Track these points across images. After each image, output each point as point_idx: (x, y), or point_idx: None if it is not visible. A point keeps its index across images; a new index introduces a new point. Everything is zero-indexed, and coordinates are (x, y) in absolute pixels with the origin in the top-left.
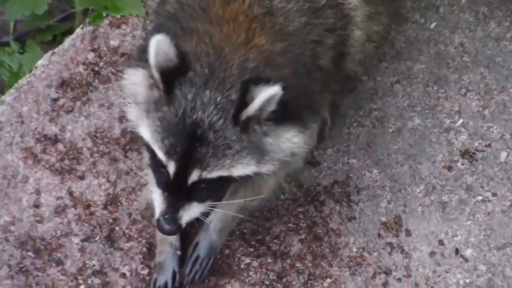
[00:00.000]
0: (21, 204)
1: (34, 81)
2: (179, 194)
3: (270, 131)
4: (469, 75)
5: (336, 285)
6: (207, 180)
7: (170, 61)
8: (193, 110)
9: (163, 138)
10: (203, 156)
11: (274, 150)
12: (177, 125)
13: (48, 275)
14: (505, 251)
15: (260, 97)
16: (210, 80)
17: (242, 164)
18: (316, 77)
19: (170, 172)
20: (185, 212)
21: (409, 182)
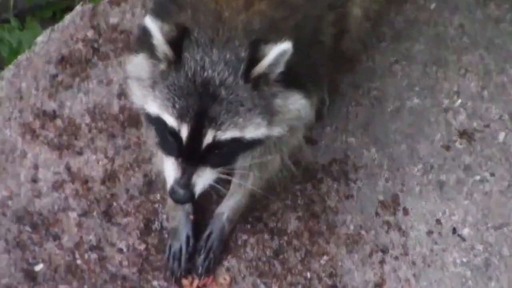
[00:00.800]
0: (19, 179)
1: (34, 57)
2: (192, 159)
3: (279, 92)
4: (468, 56)
5: (332, 262)
6: (221, 142)
7: (170, 31)
8: (203, 69)
9: (174, 103)
10: (216, 114)
11: (283, 112)
12: (188, 87)
13: (45, 250)
14: (502, 230)
15: (272, 53)
16: (215, 39)
17: (254, 124)
18: (316, 50)
19: (183, 136)
20: (199, 178)
21: (407, 161)
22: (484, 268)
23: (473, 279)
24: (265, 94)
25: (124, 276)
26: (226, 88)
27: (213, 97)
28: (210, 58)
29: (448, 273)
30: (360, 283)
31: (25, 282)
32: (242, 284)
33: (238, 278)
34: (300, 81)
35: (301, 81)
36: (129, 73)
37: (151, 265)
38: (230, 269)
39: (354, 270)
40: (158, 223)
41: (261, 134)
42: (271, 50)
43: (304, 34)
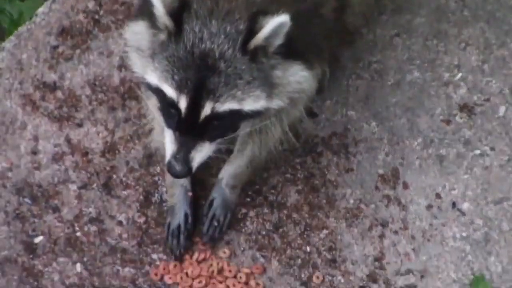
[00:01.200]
0: (19, 150)
1: (34, 28)
2: (191, 132)
3: (278, 64)
4: (469, 29)
5: (332, 236)
6: (219, 114)
7: (173, 3)
8: (201, 41)
9: (173, 74)
10: (215, 86)
11: (283, 84)
12: (187, 58)
13: (45, 222)
14: (502, 205)
15: (269, 26)
16: (215, 10)
17: (253, 97)
18: (317, 24)
19: (182, 107)
20: (197, 153)
21: (407, 135)
22: (484, 243)
23: (473, 253)
24: (263, 66)
25: (124, 249)
26: (225, 60)
27: (212, 69)
28: (209, 30)
29: (448, 247)
30: (360, 257)
31: (25, 254)
32: (242, 257)
33: (238, 251)
34: (301, 53)
35: (302, 53)
36: (129, 41)
37: (151, 238)
38: (229, 242)
39: (354, 244)
40: (158, 195)
41: (260, 106)
42: (269, 21)
43: (305, 7)
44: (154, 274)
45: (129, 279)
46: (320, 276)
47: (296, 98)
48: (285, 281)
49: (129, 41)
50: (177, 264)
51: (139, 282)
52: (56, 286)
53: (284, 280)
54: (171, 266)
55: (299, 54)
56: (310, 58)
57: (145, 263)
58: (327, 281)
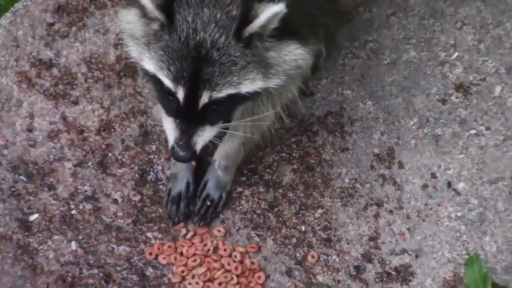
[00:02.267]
0: (15, 128)
1: (30, 5)
2: (191, 119)
3: (272, 46)
4: (465, 8)
5: (327, 215)
6: (218, 100)
7: None
8: (195, 31)
9: (169, 65)
10: (210, 76)
11: (278, 63)
12: (181, 50)
13: (40, 200)
14: (497, 185)
15: (266, 14)
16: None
17: (249, 79)
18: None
19: (180, 97)
20: (199, 137)
21: (402, 115)
22: (479, 223)
23: (468, 233)
24: (258, 50)
25: (119, 227)
26: (218, 49)
27: (206, 60)
28: (202, 19)
29: (443, 227)
30: (355, 236)
31: (20, 232)
32: (237, 236)
33: (233, 230)
34: (295, 30)
35: (296, 30)
36: (123, 29)
37: (146, 216)
38: (224, 221)
39: (349, 224)
40: (153, 174)
41: (257, 87)
42: (264, 10)
43: None
44: (149, 254)
45: (124, 257)
46: (315, 255)
47: (293, 74)
48: (280, 260)
49: (123, 29)
50: (171, 244)
51: (134, 261)
52: (51, 263)
53: (279, 259)
54: (166, 246)
55: (293, 32)
56: (304, 35)
57: (140, 241)
58: (322, 260)
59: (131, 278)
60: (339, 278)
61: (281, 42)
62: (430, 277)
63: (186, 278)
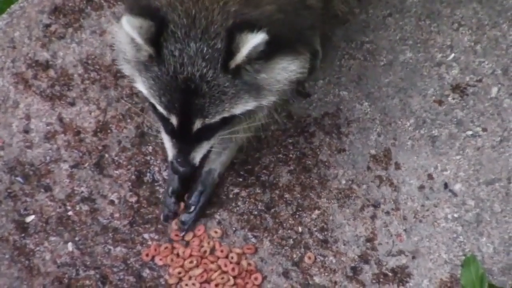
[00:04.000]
0: (11, 129)
1: (27, 6)
2: (187, 139)
3: (263, 67)
4: (461, 9)
5: (324, 216)
6: (211, 124)
7: (149, 28)
8: (183, 66)
9: (160, 95)
10: (201, 106)
11: (270, 83)
12: (171, 83)
13: (37, 201)
14: (494, 186)
15: (246, 47)
16: (192, 30)
17: (241, 103)
18: (304, 15)
19: (174, 123)
20: (196, 153)
21: (399, 116)
22: (475, 224)
23: (464, 234)
24: (248, 74)
25: (115, 228)
26: (207, 82)
27: (196, 92)
28: (188, 54)
29: (439, 228)
30: (351, 237)
31: (16, 233)
32: (233, 237)
33: (229, 231)
34: (285, 44)
35: (287, 45)
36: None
37: (142, 217)
38: (221, 222)
39: (346, 225)
40: (150, 175)
41: (250, 107)
42: (245, 42)
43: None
44: (145, 255)
45: (120, 258)
46: (312, 256)
47: (286, 89)
48: (276, 261)
49: (115, 44)
50: (168, 245)
51: (130, 262)
52: (47, 265)
53: (276, 260)
54: (162, 248)
55: (284, 45)
56: (295, 47)
57: (137, 242)
58: (318, 261)
59: (128, 279)
60: (335, 279)
61: (271, 61)
62: (426, 278)
63: (183, 279)
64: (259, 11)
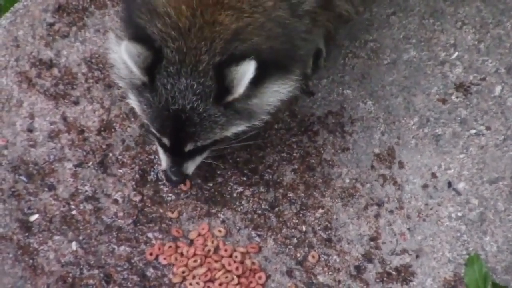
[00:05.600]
0: (15, 128)
1: (31, 5)
2: (180, 156)
3: (253, 93)
4: (465, 8)
5: (328, 215)
6: (204, 146)
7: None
8: (174, 98)
9: (151, 118)
10: (193, 133)
11: (262, 107)
12: (162, 112)
13: (41, 200)
14: (497, 185)
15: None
16: (182, 67)
17: (233, 128)
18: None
19: (166, 144)
20: (189, 165)
21: (403, 114)
22: (479, 223)
23: (468, 233)
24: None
25: (119, 227)
26: (198, 114)
27: (187, 122)
28: (179, 88)
29: (443, 227)
30: (355, 236)
31: (20, 232)
32: (237, 237)
33: (233, 230)
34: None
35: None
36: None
37: (146, 216)
38: (225, 221)
39: (349, 224)
40: (154, 174)
41: (242, 129)
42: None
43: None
44: (149, 254)
45: (124, 257)
46: (316, 255)
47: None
48: (280, 260)
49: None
50: (172, 244)
51: (134, 261)
52: (51, 264)
53: (280, 259)
54: (166, 247)
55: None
56: (287, 65)
57: (141, 241)
58: (322, 260)
59: (132, 278)
60: (339, 278)
61: (262, 86)
62: (430, 277)
63: (187, 279)
64: (246, 44)
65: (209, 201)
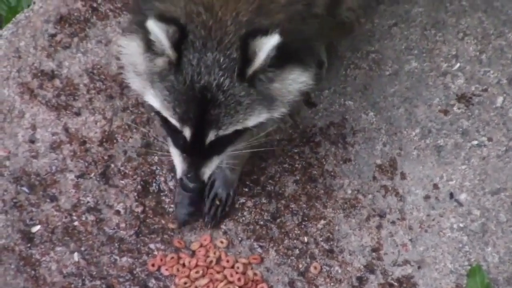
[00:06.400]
0: (17, 139)
1: (32, 16)
2: (198, 154)
3: (275, 76)
4: (467, 19)
5: (330, 226)
6: (224, 136)
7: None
8: (200, 75)
9: (174, 106)
10: (216, 117)
11: (282, 94)
12: (187, 93)
13: (43, 211)
14: (499, 196)
15: (264, 51)
16: (208, 41)
17: (255, 115)
18: (311, 23)
19: (186, 136)
20: (206, 169)
21: (405, 125)
22: (481, 234)
23: (470, 244)
24: (262, 83)
25: (121, 238)
26: (223, 92)
27: (212, 102)
28: (206, 63)
29: (445, 238)
30: (357, 247)
31: (22, 243)
32: (239, 248)
33: (235, 241)
34: (296, 56)
35: (296, 55)
36: (123, 58)
37: (148, 227)
38: (227, 232)
39: (351, 235)
40: (156, 185)
41: (263, 119)
42: (261, 48)
43: (296, 10)
44: (151, 265)
45: (126, 268)
46: (318, 266)
47: (297, 100)
48: (282, 271)
49: (123, 58)
50: (174, 255)
51: (136, 272)
52: (53, 275)
53: (282, 270)
54: (168, 258)
55: (294, 56)
56: (305, 59)
57: (143, 253)
58: (324, 271)
59: None
60: None
61: (283, 70)
62: None
63: None
64: (269, 20)
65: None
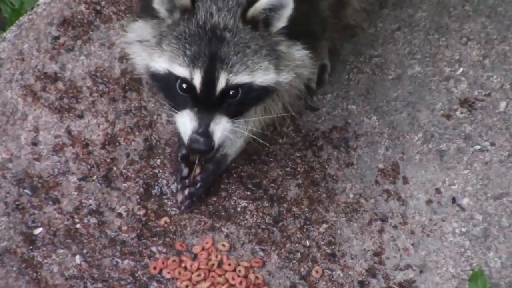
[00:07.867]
0: (19, 141)
1: (36, 18)
2: (208, 105)
3: (282, 41)
4: (470, 24)
5: (332, 230)
6: (234, 86)
7: None
8: (211, 15)
9: (185, 50)
10: (226, 56)
11: (288, 58)
12: (199, 33)
13: (45, 213)
14: (501, 201)
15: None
16: None
17: (263, 68)
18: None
19: (197, 83)
20: (216, 126)
21: (407, 130)
22: (483, 238)
23: (472, 249)
24: (267, 37)
25: (123, 241)
26: (229, 30)
27: (221, 40)
28: (217, 5)
29: (447, 242)
30: (359, 251)
31: (24, 246)
32: (241, 251)
33: (237, 245)
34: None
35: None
36: (131, 39)
37: (150, 230)
38: (229, 235)
39: (353, 239)
40: (158, 188)
41: (270, 79)
42: None
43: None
44: (153, 268)
45: (128, 271)
46: (320, 270)
47: (300, 73)
48: (284, 275)
49: (131, 39)
50: (176, 259)
51: (138, 275)
52: (55, 277)
53: (283, 274)
54: (170, 261)
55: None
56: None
57: (145, 255)
58: (326, 275)
59: None
60: None
61: (290, 40)
62: None
63: None
64: None
65: (213, 216)
